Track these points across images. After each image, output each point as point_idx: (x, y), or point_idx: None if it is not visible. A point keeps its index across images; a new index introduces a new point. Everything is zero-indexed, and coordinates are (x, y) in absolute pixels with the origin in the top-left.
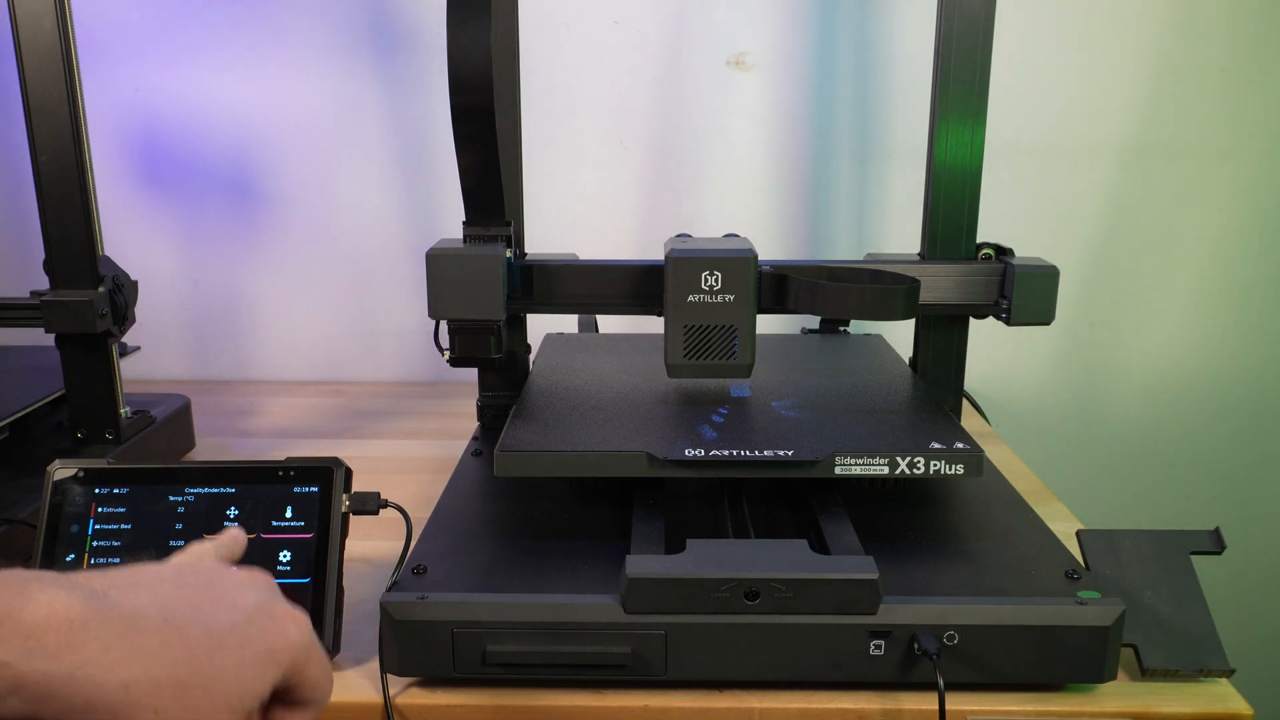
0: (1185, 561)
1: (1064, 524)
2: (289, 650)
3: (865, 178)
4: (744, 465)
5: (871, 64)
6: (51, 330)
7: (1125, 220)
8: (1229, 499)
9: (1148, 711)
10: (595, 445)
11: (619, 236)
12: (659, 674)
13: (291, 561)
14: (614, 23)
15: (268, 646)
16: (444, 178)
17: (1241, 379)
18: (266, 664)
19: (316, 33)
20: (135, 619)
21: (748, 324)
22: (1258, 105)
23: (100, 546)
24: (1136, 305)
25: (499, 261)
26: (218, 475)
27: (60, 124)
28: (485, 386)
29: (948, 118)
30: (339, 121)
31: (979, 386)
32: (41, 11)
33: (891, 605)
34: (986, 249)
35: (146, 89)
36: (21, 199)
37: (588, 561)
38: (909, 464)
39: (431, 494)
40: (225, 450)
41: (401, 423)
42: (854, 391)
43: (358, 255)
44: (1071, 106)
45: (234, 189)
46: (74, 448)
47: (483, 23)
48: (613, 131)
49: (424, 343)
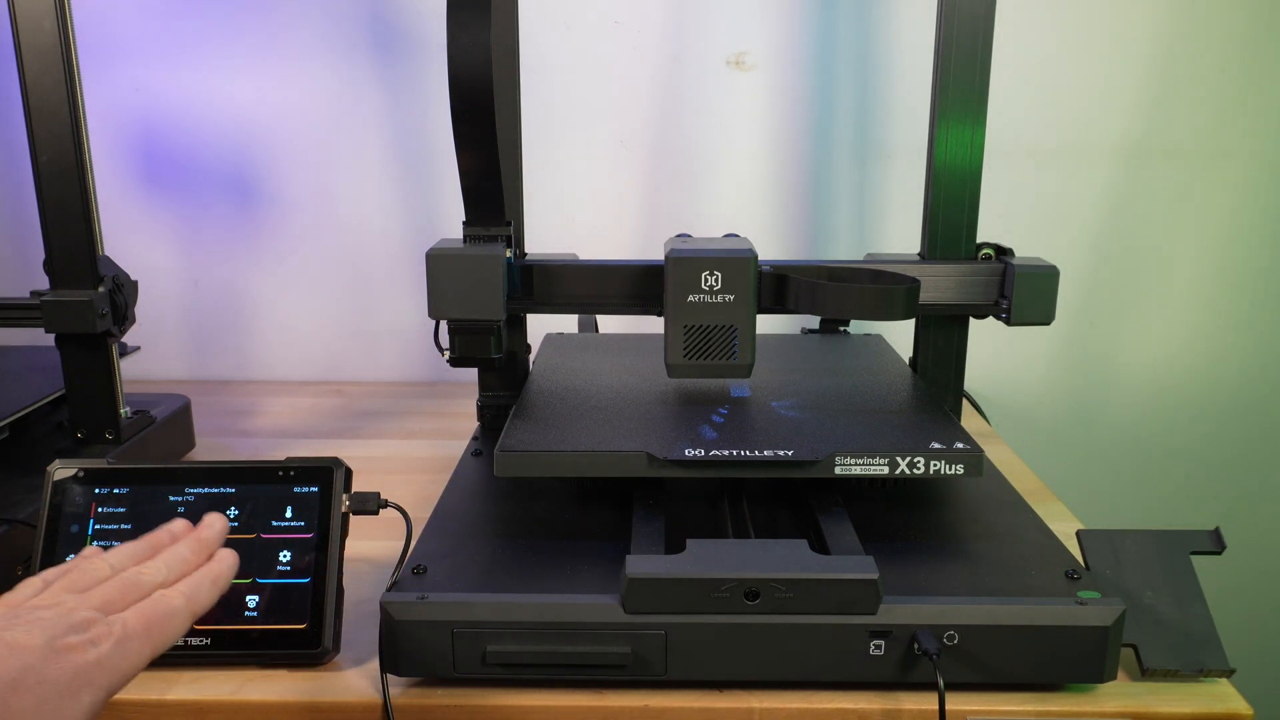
0: (1185, 561)
1: (1064, 524)
2: (95, 668)
3: (865, 178)
4: (744, 465)
5: (871, 64)
6: (51, 330)
7: (1125, 220)
8: (1229, 499)
9: (1148, 711)
10: (595, 445)
11: (619, 236)
12: (659, 674)
13: (291, 561)
14: (614, 23)
15: (70, 674)
16: (444, 178)
17: (1241, 379)
18: (74, 691)
19: (316, 32)
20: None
21: (748, 324)
22: (1258, 105)
23: (100, 546)
24: (1136, 305)
25: (499, 261)
26: (218, 475)
27: (60, 124)
28: (485, 386)
29: (948, 118)
30: (339, 121)
31: (979, 386)
32: (41, 11)
33: (891, 605)
34: (986, 249)
35: (146, 89)
36: (21, 199)
37: (588, 561)
38: (909, 464)
39: (431, 494)
40: (225, 450)
41: (401, 423)
42: (854, 391)
43: (358, 255)
44: (1071, 106)
45: (234, 189)
46: (74, 448)
47: (483, 23)
48: (613, 131)
49: (424, 343)
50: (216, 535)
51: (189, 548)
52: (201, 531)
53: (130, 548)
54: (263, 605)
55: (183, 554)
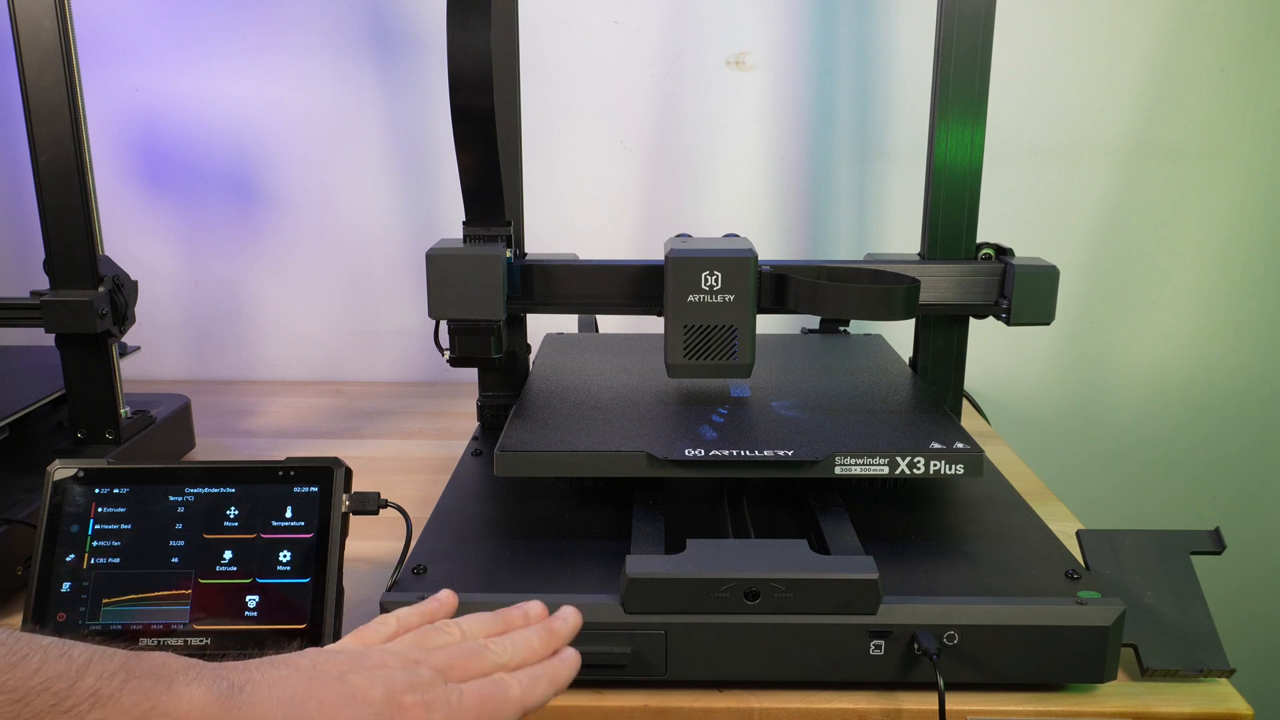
0: (1185, 561)
1: (1064, 524)
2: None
3: (865, 178)
4: (744, 465)
5: (871, 64)
6: (51, 330)
7: (1125, 220)
8: (1229, 499)
9: (1148, 711)
10: (595, 445)
11: (619, 236)
12: (659, 674)
13: (291, 561)
14: (614, 22)
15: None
16: (444, 178)
17: (1241, 378)
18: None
19: (316, 33)
20: (259, 719)
21: (748, 324)
22: (1258, 105)
23: (100, 546)
24: (1136, 305)
25: (499, 262)
26: (218, 475)
27: (60, 124)
28: (485, 386)
29: (948, 118)
30: (339, 121)
31: (979, 386)
32: (41, 11)
33: (891, 605)
34: (986, 249)
35: (146, 89)
36: (21, 199)
37: (588, 561)
38: (909, 464)
39: (431, 494)
40: (225, 450)
41: (401, 423)
42: (854, 391)
43: (358, 255)
44: (1071, 106)
45: (234, 189)
46: (74, 448)
47: (483, 23)
48: (613, 131)
49: (424, 343)
50: (570, 630)
51: (539, 637)
52: (554, 623)
53: (483, 619)
54: (263, 605)
55: (531, 641)
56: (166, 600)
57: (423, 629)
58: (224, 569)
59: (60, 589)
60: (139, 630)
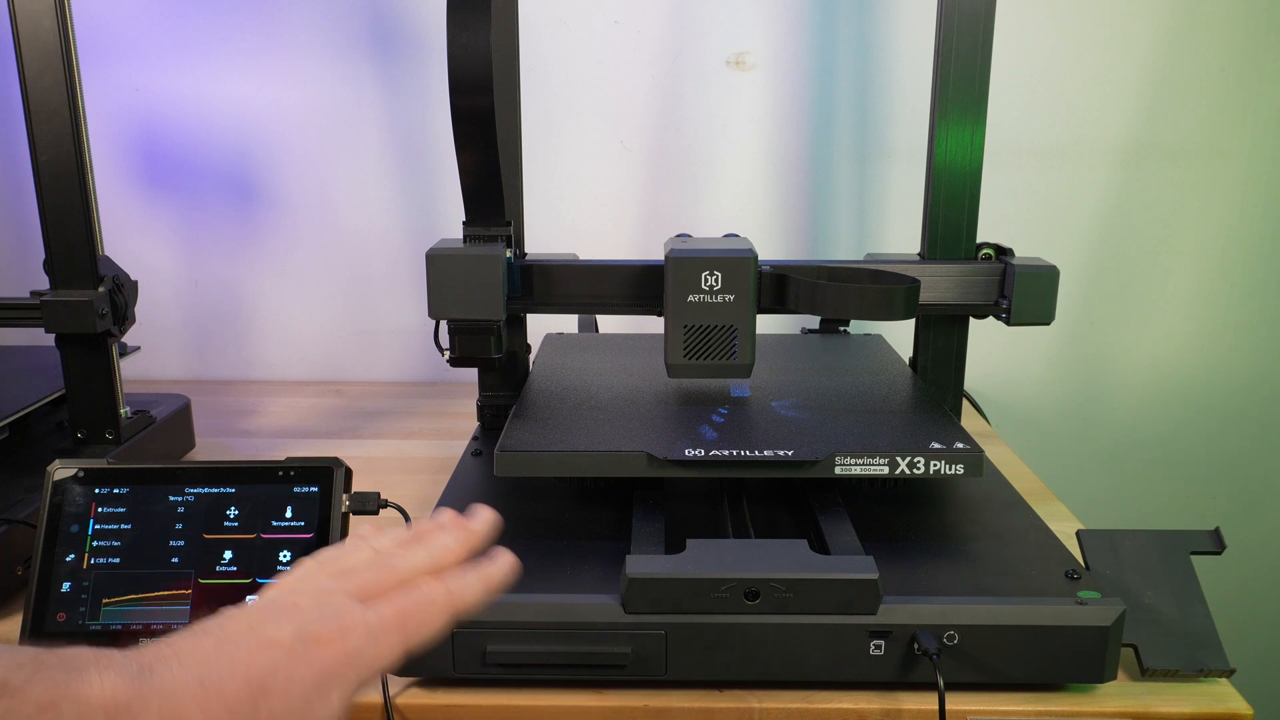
0: (1185, 561)
1: (1064, 524)
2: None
3: (865, 178)
4: (744, 465)
5: (871, 64)
6: (51, 330)
7: (1125, 220)
8: (1229, 499)
9: (1148, 711)
10: (595, 445)
11: (619, 236)
12: (659, 674)
13: (292, 562)
14: (614, 23)
15: (318, 672)
16: (444, 178)
17: (1241, 378)
18: (322, 690)
19: (316, 33)
20: (171, 694)
21: (748, 324)
22: (1258, 105)
23: (100, 546)
24: (1136, 305)
25: (499, 262)
26: (218, 475)
27: (60, 124)
28: (485, 386)
29: (948, 118)
30: (339, 121)
31: (979, 386)
32: (41, 11)
33: (891, 605)
34: (986, 249)
35: (146, 89)
36: (21, 199)
37: (588, 561)
38: (909, 464)
39: (431, 494)
40: (225, 450)
41: (401, 423)
42: (854, 391)
43: (358, 255)
44: (1071, 106)
45: (234, 189)
46: (74, 448)
47: (483, 23)
48: (613, 131)
49: (424, 343)
50: (485, 527)
51: (453, 537)
52: (470, 522)
53: (394, 533)
54: None
55: (446, 542)
56: (166, 600)
57: (329, 552)
58: (224, 569)
59: (60, 589)
60: (139, 630)
